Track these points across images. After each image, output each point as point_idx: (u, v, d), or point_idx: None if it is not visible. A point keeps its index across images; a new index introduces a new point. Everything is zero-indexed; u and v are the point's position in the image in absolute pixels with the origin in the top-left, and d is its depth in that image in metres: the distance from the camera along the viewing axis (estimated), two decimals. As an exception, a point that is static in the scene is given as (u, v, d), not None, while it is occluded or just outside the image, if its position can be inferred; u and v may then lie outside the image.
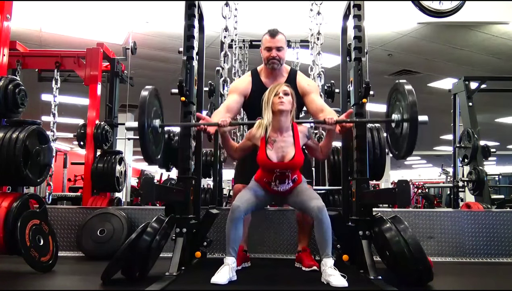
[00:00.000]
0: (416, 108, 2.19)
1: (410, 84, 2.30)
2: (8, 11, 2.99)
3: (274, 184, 2.35)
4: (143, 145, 2.26)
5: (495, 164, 15.55)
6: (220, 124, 2.33)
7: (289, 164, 2.31)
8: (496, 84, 6.01)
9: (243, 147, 2.48)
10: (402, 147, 2.33)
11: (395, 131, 2.42)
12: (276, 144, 2.33)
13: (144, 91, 2.29)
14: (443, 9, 3.57)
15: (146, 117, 2.23)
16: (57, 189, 6.63)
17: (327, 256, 2.21)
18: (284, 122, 2.34)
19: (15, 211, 2.45)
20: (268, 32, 2.71)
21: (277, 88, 2.34)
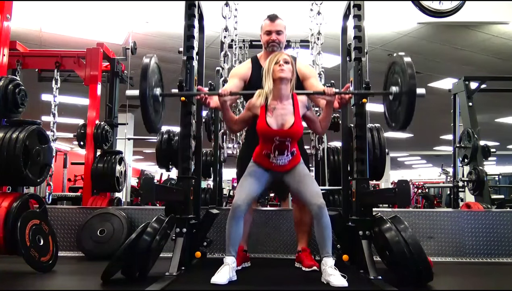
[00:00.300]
0: (414, 81, 2.19)
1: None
2: (8, 11, 2.99)
3: (273, 155, 2.31)
4: (144, 112, 2.27)
5: (495, 164, 15.56)
6: (220, 94, 2.33)
7: (289, 131, 2.29)
8: (496, 84, 6.00)
9: (243, 117, 2.46)
10: (399, 119, 2.33)
11: (392, 104, 2.42)
12: (276, 111, 2.31)
13: (146, 59, 2.31)
14: (443, 9, 3.57)
15: (148, 85, 2.24)
16: (57, 189, 6.63)
17: (327, 255, 2.21)
18: (285, 90, 2.34)
19: (15, 211, 2.45)
20: (268, 17, 2.76)
21: (278, 56, 2.34)
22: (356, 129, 2.67)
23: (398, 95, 2.33)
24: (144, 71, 2.25)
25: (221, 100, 2.35)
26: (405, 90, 2.22)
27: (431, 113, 8.68)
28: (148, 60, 2.30)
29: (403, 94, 2.26)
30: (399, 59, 2.31)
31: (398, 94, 2.33)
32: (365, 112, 2.69)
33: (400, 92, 2.31)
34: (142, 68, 2.26)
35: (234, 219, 2.26)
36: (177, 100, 2.62)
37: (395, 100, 2.36)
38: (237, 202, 2.28)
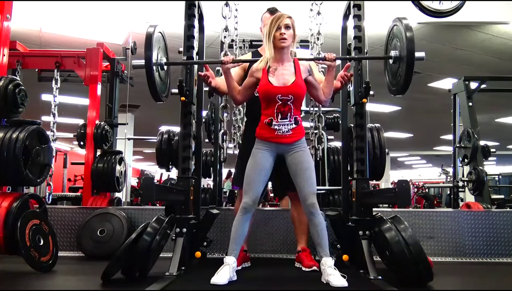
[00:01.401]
0: (413, 44, 2.22)
1: (411, 85, 2.32)
2: (8, 11, 3.00)
3: (276, 121, 2.27)
4: (150, 80, 2.29)
5: (495, 164, 15.55)
6: (223, 61, 2.34)
7: (291, 87, 2.28)
8: (496, 84, 6.00)
9: (246, 85, 2.44)
10: (399, 82, 2.37)
11: (392, 68, 2.46)
12: (278, 72, 2.32)
13: (150, 28, 2.33)
14: (443, 9, 3.56)
15: (152, 53, 2.27)
16: (57, 189, 6.63)
17: (326, 255, 2.21)
18: (286, 54, 2.34)
19: (15, 211, 2.45)
20: (268, 10, 2.81)
21: (279, 21, 2.30)
22: (356, 129, 2.67)
23: (397, 58, 2.37)
24: (148, 40, 2.26)
25: (224, 68, 2.36)
26: (404, 53, 2.26)
27: (431, 113, 8.68)
28: (152, 29, 2.32)
29: (402, 58, 2.31)
30: (398, 22, 2.35)
31: (398, 58, 2.37)
32: (365, 112, 2.69)
33: (399, 55, 2.35)
34: (146, 37, 2.29)
35: (243, 218, 2.27)
36: (178, 100, 2.61)
37: (395, 63, 2.41)
38: (247, 202, 2.28)
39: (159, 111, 9.23)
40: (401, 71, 2.35)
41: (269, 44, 2.31)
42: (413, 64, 2.24)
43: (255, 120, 2.44)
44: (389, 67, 2.56)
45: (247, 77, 2.45)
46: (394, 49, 2.41)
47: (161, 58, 2.46)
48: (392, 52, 2.41)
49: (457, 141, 5.31)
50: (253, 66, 2.40)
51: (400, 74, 2.36)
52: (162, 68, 2.46)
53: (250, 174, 2.33)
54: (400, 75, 2.37)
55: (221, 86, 2.58)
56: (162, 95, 2.47)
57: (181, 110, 2.67)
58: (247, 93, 2.46)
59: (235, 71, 2.68)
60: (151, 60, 2.29)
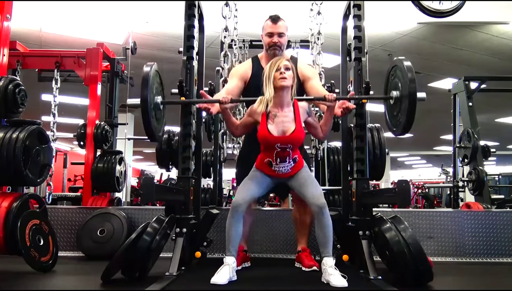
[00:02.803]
0: (414, 85, 2.19)
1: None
2: (8, 11, 2.99)
3: (275, 163, 2.31)
4: (146, 121, 2.28)
5: (495, 164, 15.54)
6: (221, 101, 2.33)
7: (290, 137, 2.29)
8: (496, 84, 6.00)
9: (244, 123, 2.46)
10: (400, 123, 2.34)
11: (393, 108, 2.42)
12: (277, 119, 2.32)
13: (146, 67, 2.31)
14: (443, 9, 3.56)
15: (149, 93, 2.24)
16: (57, 189, 6.62)
17: (327, 255, 2.21)
18: (285, 98, 2.34)
19: (15, 211, 2.45)
20: (270, 18, 2.74)
21: (278, 62, 2.32)
22: (356, 129, 2.67)
23: (398, 99, 2.34)
24: (145, 80, 2.25)
25: (222, 107, 2.36)
26: (406, 94, 2.23)
27: (431, 113, 8.66)
28: (148, 69, 2.30)
29: (403, 98, 2.27)
30: (399, 63, 2.31)
31: (399, 99, 2.33)
32: (365, 112, 2.69)
33: (400, 96, 2.31)
34: (142, 77, 2.26)
35: (234, 218, 2.26)
36: (177, 98, 2.61)
37: (396, 104, 2.37)
38: (237, 201, 2.29)
39: (159, 111, 9.21)
40: (402, 113, 2.31)
41: (269, 85, 2.30)
42: (415, 105, 2.20)
43: None
44: (389, 107, 2.51)
45: (246, 115, 2.46)
46: (394, 89, 2.38)
47: (157, 98, 2.40)
48: (393, 93, 2.37)
49: (457, 141, 5.31)
50: (253, 106, 2.39)
51: (401, 115, 2.32)
52: (158, 108, 2.42)
53: (246, 182, 2.38)
54: (400, 116, 2.33)
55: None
56: (158, 134, 2.45)
57: (181, 110, 2.66)
58: (246, 130, 2.50)
59: (235, 84, 2.69)
60: (148, 101, 2.25)
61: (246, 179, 2.40)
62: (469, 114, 5.12)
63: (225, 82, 3.41)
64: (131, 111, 8.85)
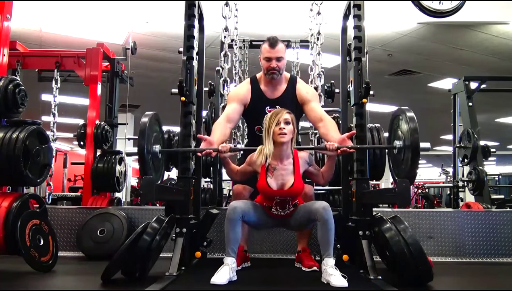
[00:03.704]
0: (417, 135, 2.23)
1: (411, 85, 2.32)
2: (8, 11, 2.99)
3: (275, 209, 2.37)
4: (143, 172, 2.28)
5: (495, 164, 15.54)
6: (220, 151, 2.34)
7: (289, 191, 2.32)
8: (496, 84, 6.00)
9: (243, 171, 2.48)
10: (405, 172, 2.37)
11: (397, 157, 2.46)
12: (276, 172, 2.33)
13: (144, 118, 2.32)
14: (443, 9, 3.56)
15: (146, 143, 2.24)
16: (57, 189, 6.63)
17: (328, 255, 2.21)
18: (285, 151, 2.35)
19: (15, 211, 2.45)
20: (268, 42, 2.67)
21: (278, 116, 2.31)
22: (356, 129, 2.66)
23: (402, 149, 2.38)
24: (142, 129, 2.26)
25: (221, 156, 2.37)
26: (408, 144, 2.27)
27: (431, 113, 8.67)
28: (146, 119, 2.31)
29: (406, 149, 2.31)
30: (402, 113, 2.36)
31: (402, 149, 2.37)
32: (365, 112, 2.68)
33: (403, 146, 2.35)
34: (140, 127, 2.28)
35: (231, 221, 2.25)
36: (177, 99, 2.61)
37: (400, 154, 2.41)
38: (234, 204, 2.30)
39: (159, 111, 9.21)
40: (405, 162, 2.34)
41: (268, 139, 2.31)
42: (419, 155, 2.23)
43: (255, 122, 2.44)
44: (392, 157, 2.55)
45: (245, 164, 2.46)
46: (397, 139, 2.42)
47: (155, 147, 2.40)
48: (397, 143, 2.41)
49: (457, 141, 5.31)
50: (253, 157, 2.39)
51: (405, 164, 2.35)
52: (156, 156, 2.42)
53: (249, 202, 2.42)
54: (405, 165, 2.36)
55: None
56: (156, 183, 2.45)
57: (181, 110, 2.66)
58: (245, 177, 2.51)
59: (234, 108, 2.69)
60: (145, 152, 2.25)
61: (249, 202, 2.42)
62: (469, 114, 5.12)
63: (225, 82, 3.41)
64: (131, 111, 8.86)
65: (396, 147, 2.42)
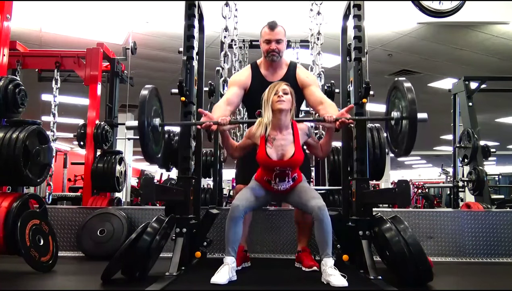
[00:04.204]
0: (415, 106, 2.19)
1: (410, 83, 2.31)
2: (8, 11, 2.99)
3: (274, 182, 2.35)
4: (143, 144, 2.26)
5: (495, 164, 15.55)
6: (220, 123, 2.33)
7: (289, 161, 2.31)
8: (496, 84, 6.00)
9: (243, 145, 2.49)
10: (402, 144, 2.33)
11: (394, 129, 2.42)
12: (276, 142, 2.33)
13: (143, 91, 2.30)
14: (443, 9, 3.57)
15: (146, 116, 2.23)
16: (57, 189, 6.63)
17: (327, 256, 2.21)
18: (284, 121, 2.35)
19: (15, 211, 2.45)
20: (267, 25, 2.72)
21: (277, 87, 2.34)
22: (356, 129, 2.66)
23: (399, 120, 2.35)
24: (142, 103, 2.24)
25: (220, 129, 2.36)
26: (406, 115, 2.24)
27: (431, 113, 8.66)
28: (146, 92, 2.29)
29: (404, 120, 2.28)
30: (399, 84, 2.33)
31: (400, 120, 2.34)
32: (365, 112, 2.69)
33: (401, 117, 2.32)
34: (140, 100, 2.25)
35: (232, 220, 2.26)
36: (178, 100, 2.61)
37: (397, 125, 2.38)
38: (236, 202, 2.29)
39: (159, 111, 9.22)
40: (403, 133, 2.31)
41: (267, 109, 2.32)
42: (416, 126, 2.20)
43: None
44: (390, 128, 2.52)
45: (244, 138, 2.47)
46: (395, 110, 2.38)
47: (155, 120, 2.39)
48: (394, 114, 2.38)
49: (457, 141, 5.31)
50: (252, 129, 2.40)
51: (402, 136, 2.32)
52: (156, 130, 2.41)
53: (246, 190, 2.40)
54: (401, 137, 2.33)
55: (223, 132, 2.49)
56: (156, 156, 2.44)
57: (181, 110, 2.66)
58: (244, 152, 2.51)
59: (234, 92, 2.69)
60: (145, 125, 2.23)
61: (247, 188, 2.42)
62: (469, 114, 5.12)
63: (225, 82, 3.41)
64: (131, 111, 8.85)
65: (393, 117, 2.38)
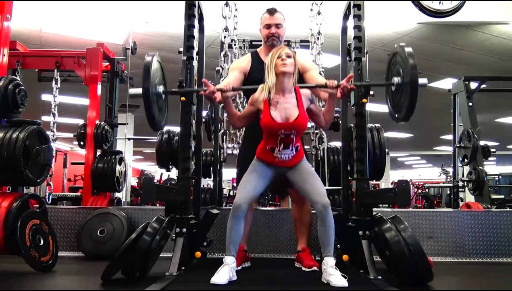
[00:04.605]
0: (416, 71, 2.19)
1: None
2: (8, 11, 3.00)
3: (278, 149, 2.29)
4: (148, 110, 2.27)
5: (495, 164, 15.55)
6: (223, 89, 2.34)
7: (294, 123, 2.28)
8: (496, 84, 6.00)
9: (246, 113, 2.45)
10: (402, 109, 2.33)
11: (395, 95, 2.42)
12: (280, 105, 2.31)
13: (147, 57, 2.32)
14: (443, 9, 3.56)
15: (151, 82, 2.25)
16: (57, 189, 6.63)
17: (328, 255, 2.21)
18: (287, 84, 2.34)
19: (15, 211, 2.45)
20: (267, 11, 2.77)
21: (280, 51, 2.33)
22: (356, 129, 2.67)
23: (400, 85, 2.34)
24: (146, 69, 2.25)
25: (223, 95, 2.35)
26: (407, 80, 2.23)
27: (431, 113, 8.67)
28: (150, 59, 2.30)
29: (405, 85, 2.27)
30: (400, 49, 2.32)
31: (400, 85, 2.33)
32: (365, 112, 2.69)
33: (402, 82, 2.31)
34: (144, 67, 2.26)
35: (235, 218, 2.26)
36: (177, 100, 2.61)
37: (398, 91, 2.37)
38: (238, 201, 2.28)
39: (159, 111, 9.22)
40: (403, 99, 2.30)
41: (271, 72, 2.32)
42: (417, 91, 2.20)
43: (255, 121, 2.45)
44: (391, 94, 2.50)
45: (248, 105, 2.46)
46: (396, 76, 2.37)
47: (159, 87, 2.41)
48: (395, 79, 2.37)
49: (457, 141, 5.31)
50: (254, 95, 2.39)
51: (403, 102, 2.32)
52: (160, 97, 2.42)
53: (246, 177, 2.36)
54: (403, 103, 2.32)
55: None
56: (161, 124, 2.46)
57: (181, 110, 2.66)
58: (247, 121, 2.49)
59: (235, 76, 2.69)
60: (149, 91, 2.25)
61: (246, 175, 2.38)
62: (469, 114, 5.12)
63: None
64: (131, 111, 8.85)
65: (394, 83, 2.37)
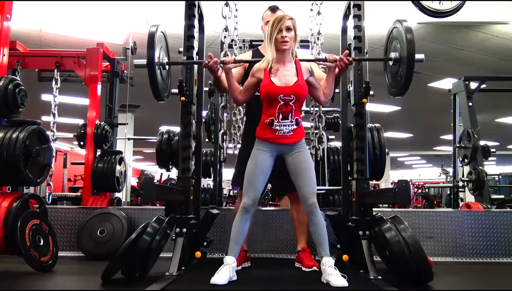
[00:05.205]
0: (413, 46, 2.23)
1: (411, 85, 2.33)
2: (8, 11, 3.00)
3: (277, 120, 2.28)
4: (152, 79, 2.31)
5: (495, 164, 15.55)
6: (225, 61, 2.35)
7: (293, 87, 2.28)
8: (496, 84, 6.01)
9: (247, 85, 2.44)
10: (399, 84, 2.39)
11: (392, 69, 2.47)
12: (279, 72, 2.33)
13: (152, 28, 2.35)
14: (443, 9, 3.56)
15: (155, 52, 2.29)
16: (57, 189, 6.63)
17: (326, 255, 2.21)
18: (287, 56, 2.35)
19: (15, 211, 2.45)
20: (269, 8, 2.85)
21: (280, 24, 2.29)
22: (356, 129, 2.67)
23: (397, 60, 2.39)
24: (150, 39, 2.29)
25: (225, 68, 2.36)
26: (404, 55, 2.28)
27: (431, 113, 8.67)
28: (154, 29, 2.34)
29: (402, 59, 2.32)
30: (398, 24, 2.36)
31: (398, 60, 2.38)
32: (365, 112, 2.69)
33: (399, 57, 2.36)
34: (148, 36, 2.31)
35: (243, 218, 2.27)
36: (178, 100, 2.61)
37: (395, 65, 2.42)
38: (247, 202, 2.29)
39: (159, 111, 9.23)
40: (401, 73, 2.36)
41: (270, 46, 2.31)
42: (413, 66, 2.25)
43: (254, 121, 2.46)
44: (389, 69, 2.56)
45: (249, 78, 2.44)
46: (394, 51, 2.42)
47: (163, 57, 2.47)
48: (392, 54, 2.42)
49: (457, 141, 5.31)
50: (254, 66, 2.40)
51: (400, 76, 2.37)
52: (164, 67, 2.47)
53: (250, 175, 2.34)
54: (400, 77, 2.38)
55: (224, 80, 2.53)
56: (164, 94, 2.49)
57: (181, 110, 2.67)
58: (248, 93, 2.46)
59: (236, 70, 2.69)
60: (154, 60, 2.31)
61: (249, 164, 2.35)
62: (469, 114, 5.13)
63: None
64: (131, 111, 8.86)
65: (391, 58, 2.42)
